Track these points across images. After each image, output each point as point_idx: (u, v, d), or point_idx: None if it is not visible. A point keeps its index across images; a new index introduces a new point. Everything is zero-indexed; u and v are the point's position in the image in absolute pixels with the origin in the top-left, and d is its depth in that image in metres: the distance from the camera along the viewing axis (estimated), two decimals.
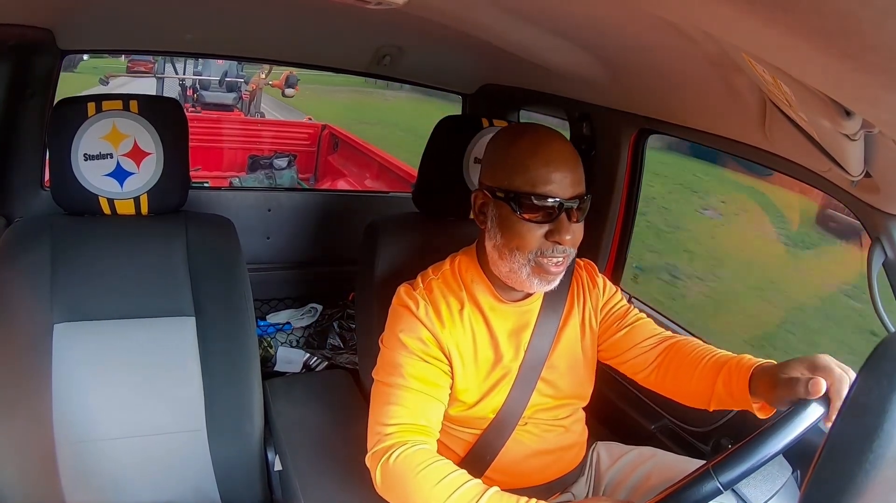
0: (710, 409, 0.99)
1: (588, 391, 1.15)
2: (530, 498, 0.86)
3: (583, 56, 1.14)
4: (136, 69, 6.39)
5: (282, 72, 5.92)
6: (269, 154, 4.55)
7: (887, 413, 0.55)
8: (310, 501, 1.12)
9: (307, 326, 2.15)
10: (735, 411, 1.21)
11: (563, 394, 1.11)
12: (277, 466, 1.23)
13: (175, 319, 1.20)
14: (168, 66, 6.30)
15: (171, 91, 6.37)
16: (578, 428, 1.15)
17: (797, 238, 6.18)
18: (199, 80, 6.37)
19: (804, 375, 0.79)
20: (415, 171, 2.17)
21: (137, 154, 1.18)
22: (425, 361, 1.02)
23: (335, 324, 2.14)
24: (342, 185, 4.38)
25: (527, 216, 0.95)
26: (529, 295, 1.08)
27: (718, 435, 1.24)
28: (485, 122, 1.35)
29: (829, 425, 0.71)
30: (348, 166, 4.55)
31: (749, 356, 0.95)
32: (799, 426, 0.72)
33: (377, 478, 0.96)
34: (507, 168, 0.97)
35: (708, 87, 0.97)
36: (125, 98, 1.18)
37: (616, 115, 1.44)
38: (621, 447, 1.19)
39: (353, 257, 1.43)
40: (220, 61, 6.15)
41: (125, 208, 1.20)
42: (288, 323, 2.12)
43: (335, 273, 2.12)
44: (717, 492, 0.70)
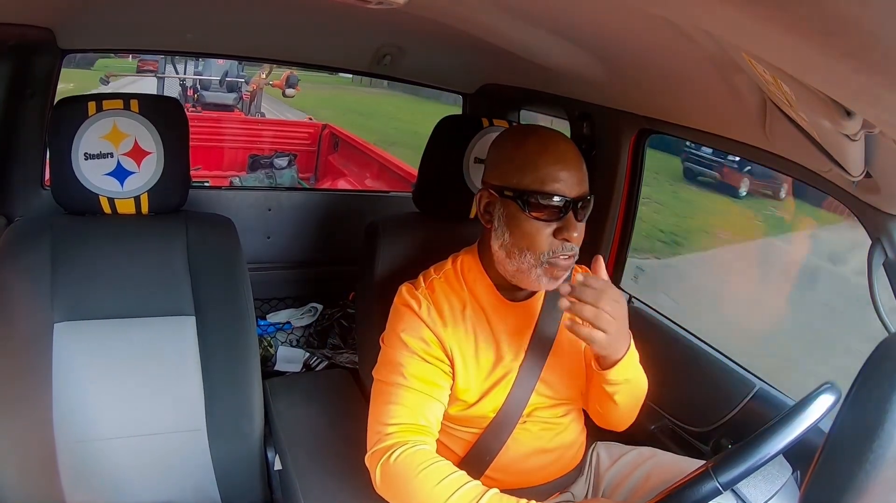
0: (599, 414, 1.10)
1: (584, 392, 1.15)
2: (530, 499, 0.86)
3: (583, 56, 1.14)
4: (145, 68, 6.44)
5: (282, 72, 5.92)
6: (270, 153, 4.55)
7: (887, 413, 0.55)
8: (310, 501, 1.12)
9: (307, 326, 2.14)
10: (735, 411, 1.21)
11: (563, 393, 1.11)
12: (277, 465, 1.23)
13: (175, 319, 1.20)
14: (169, 65, 6.29)
15: (172, 91, 6.36)
16: (577, 427, 1.15)
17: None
18: (200, 79, 6.37)
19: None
20: (415, 171, 2.17)
21: (138, 153, 1.18)
22: (426, 361, 1.02)
23: (335, 323, 2.13)
24: (342, 184, 4.38)
25: (535, 214, 0.96)
26: (531, 295, 1.08)
27: (718, 435, 1.23)
28: (485, 122, 1.35)
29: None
30: (349, 166, 4.55)
31: None
32: (799, 426, 0.72)
33: (377, 477, 0.96)
34: (516, 167, 0.98)
35: (708, 86, 0.97)
36: (126, 97, 1.18)
37: (616, 114, 1.44)
38: (621, 447, 1.19)
39: (354, 257, 1.43)
40: (220, 61, 6.15)
41: (125, 207, 1.20)
42: (288, 322, 2.12)
43: (335, 272, 2.12)
44: (716, 493, 0.70)
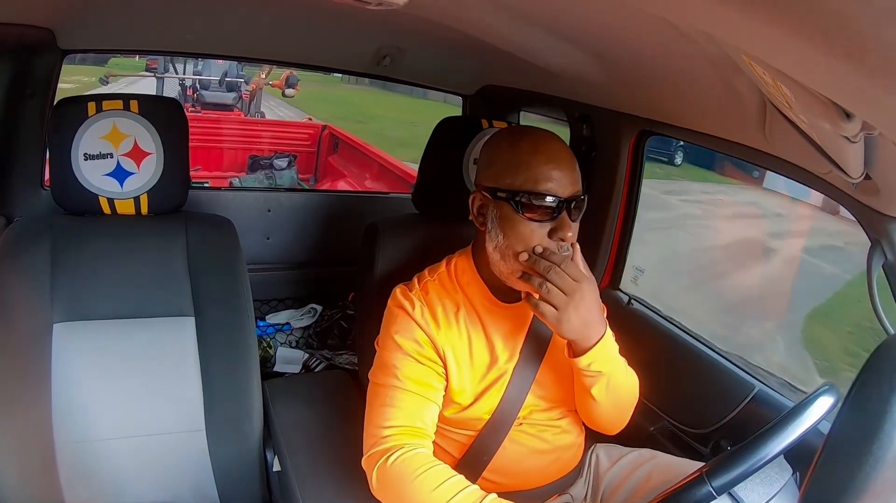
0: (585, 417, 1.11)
1: None
2: (528, 502, 0.86)
3: (583, 57, 1.14)
4: (153, 67, 6.50)
5: (282, 72, 5.92)
6: (270, 154, 4.55)
7: (887, 415, 0.55)
8: (308, 502, 1.12)
9: (307, 327, 2.14)
10: (734, 413, 1.21)
11: (558, 395, 1.10)
12: (276, 467, 1.22)
13: (175, 319, 1.20)
14: (168, 65, 6.29)
15: (171, 91, 6.36)
16: (575, 428, 1.15)
17: None
18: (199, 79, 6.37)
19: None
20: (415, 172, 2.17)
21: (138, 154, 1.18)
22: (420, 362, 1.02)
23: (334, 324, 2.13)
24: (342, 185, 4.37)
25: (529, 215, 0.96)
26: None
27: (718, 436, 1.23)
28: (484, 124, 1.35)
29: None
30: (348, 167, 4.55)
31: None
32: (794, 432, 0.72)
33: (373, 480, 0.96)
34: (509, 167, 0.98)
35: (708, 88, 0.97)
36: (125, 98, 1.18)
37: (616, 116, 1.44)
38: (620, 449, 1.19)
39: (353, 258, 1.42)
40: (220, 61, 6.15)
41: (125, 208, 1.20)
42: (287, 323, 2.12)
43: (335, 273, 2.12)
44: (710, 498, 0.70)
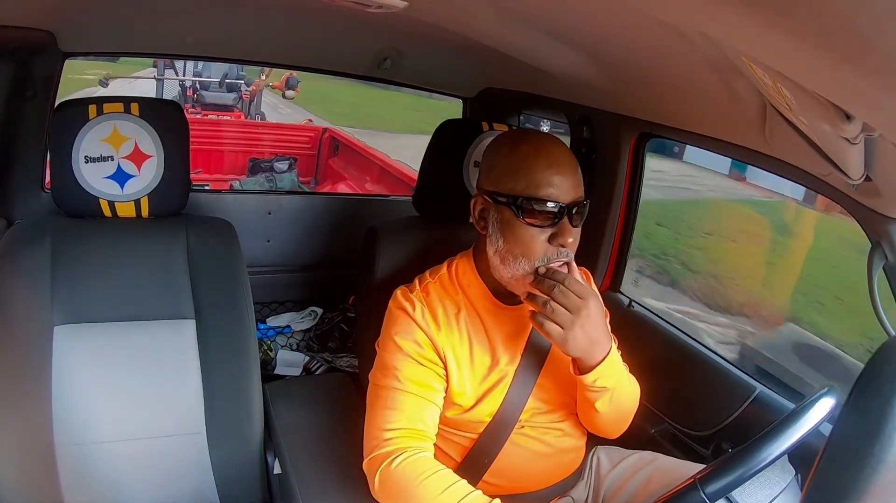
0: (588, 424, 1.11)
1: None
2: None
3: (583, 60, 1.14)
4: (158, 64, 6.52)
5: (282, 73, 5.93)
6: (270, 157, 4.55)
7: (888, 417, 0.55)
8: None
9: (307, 329, 2.14)
10: (735, 415, 1.21)
11: (560, 398, 1.10)
12: (277, 469, 1.22)
13: (175, 322, 1.20)
14: (168, 68, 6.29)
15: (171, 91, 6.37)
16: (577, 431, 1.15)
17: None
18: (200, 80, 6.38)
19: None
20: (415, 175, 2.18)
21: (138, 156, 1.18)
22: (420, 364, 1.02)
23: (335, 327, 2.13)
24: (343, 188, 4.37)
25: (529, 220, 0.96)
26: None
27: (719, 439, 1.23)
28: (485, 126, 1.36)
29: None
30: (349, 170, 4.55)
31: None
32: (791, 437, 0.71)
33: (375, 483, 0.96)
34: (510, 172, 0.97)
35: (708, 90, 0.97)
36: (126, 100, 1.19)
37: (616, 118, 1.44)
38: (621, 451, 1.18)
39: (354, 260, 1.42)
40: (220, 62, 6.16)
41: (126, 211, 1.20)
42: (288, 326, 2.11)
43: (335, 276, 2.12)
44: None
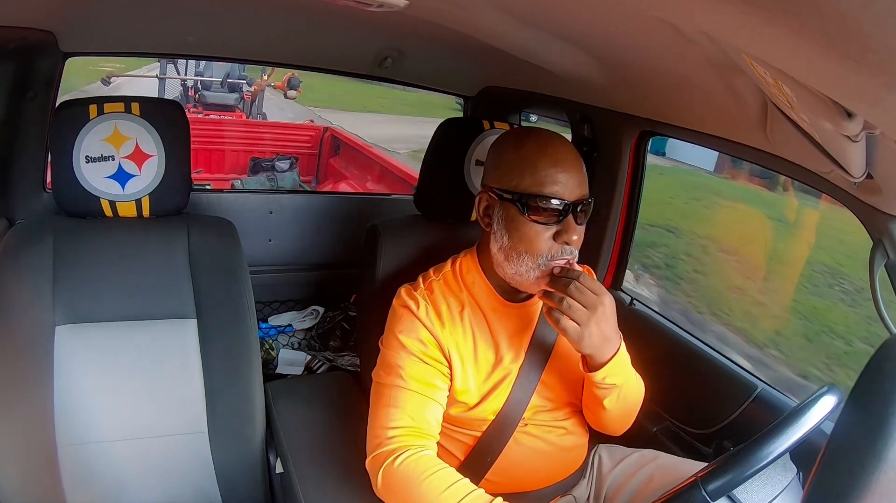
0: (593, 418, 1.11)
1: (581, 396, 1.15)
2: None
3: (584, 58, 1.14)
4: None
5: (284, 73, 5.93)
6: (271, 156, 4.56)
7: (890, 415, 0.54)
8: None
9: (309, 329, 2.14)
10: (737, 413, 1.21)
11: (563, 396, 1.10)
12: (279, 469, 1.22)
13: (176, 321, 1.20)
14: (170, 66, 6.30)
15: (173, 91, 6.37)
16: (579, 429, 1.15)
17: None
18: (201, 80, 6.38)
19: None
20: (416, 174, 2.17)
21: (139, 156, 1.18)
22: (424, 362, 1.02)
23: (337, 326, 2.13)
24: (344, 187, 4.37)
25: (534, 218, 0.96)
26: (530, 296, 1.08)
27: (720, 437, 1.23)
28: (486, 125, 1.35)
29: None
30: (350, 169, 4.55)
31: None
32: (793, 435, 0.71)
33: (378, 482, 0.96)
34: (515, 169, 0.98)
35: (709, 88, 0.97)
36: (127, 100, 1.19)
37: (617, 117, 1.44)
38: (623, 449, 1.18)
39: (355, 259, 1.43)
40: (221, 62, 6.16)
41: (127, 210, 1.20)
42: (289, 325, 2.12)
43: (337, 275, 2.12)
44: None
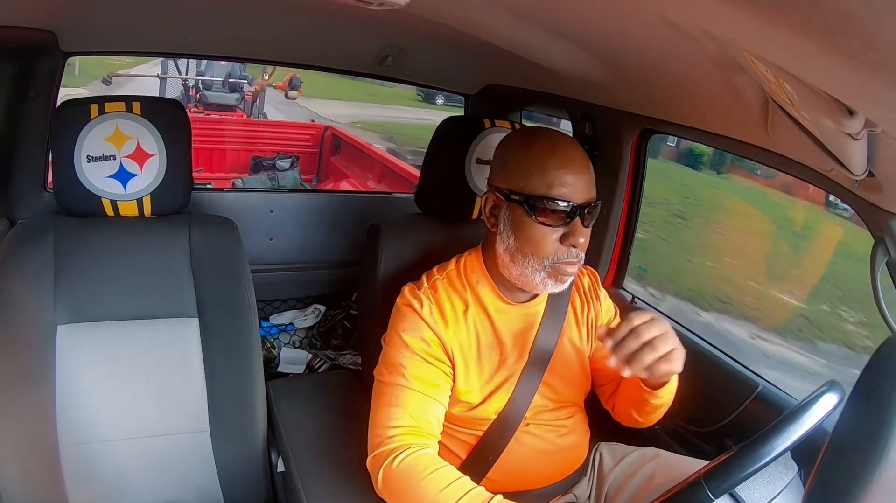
0: (636, 419, 1.10)
1: (585, 395, 1.15)
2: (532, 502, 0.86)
3: (584, 56, 1.14)
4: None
5: (285, 73, 5.93)
6: (272, 155, 4.56)
7: (891, 413, 0.55)
8: (312, 502, 1.12)
9: (310, 327, 2.15)
10: (738, 411, 1.21)
11: (566, 395, 1.11)
12: (280, 467, 1.23)
13: (178, 320, 1.20)
14: (171, 66, 6.30)
15: (174, 91, 6.37)
16: (580, 429, 1.15)
17: None
18: (202, 80, 6.38)
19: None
20: (417, 172, 2.17)
21: (140, 155, 1.18)
22: (427, 362, 1.02)
23: (338, 324, 2.14)
24: (345, 186, 4.37)
25: (541, 219, 0.96)
26: (534, 296, 1.08)
27: (721, 435, 1.23)
28: (487, 123, 1.35)
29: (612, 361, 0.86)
30: (351, 167, 4.55)
31: None
32: (795, 432, 0.71)
33: (379, 481, 0.96)
34: (523, 170, 0.97)
35: (710, 86, 0.97)
36: (128, 99, 1.19)
37: (618, 115, 1.43)
38: (624, 447, 1.18)
39: (356, 258, 1.43)
40: (222, 62, 6.16)
41: (128, 210, 1.20)
42: (291, 324, 2.12)
43: (338, 274, 2.12)
44: (708, 501, 0.69)
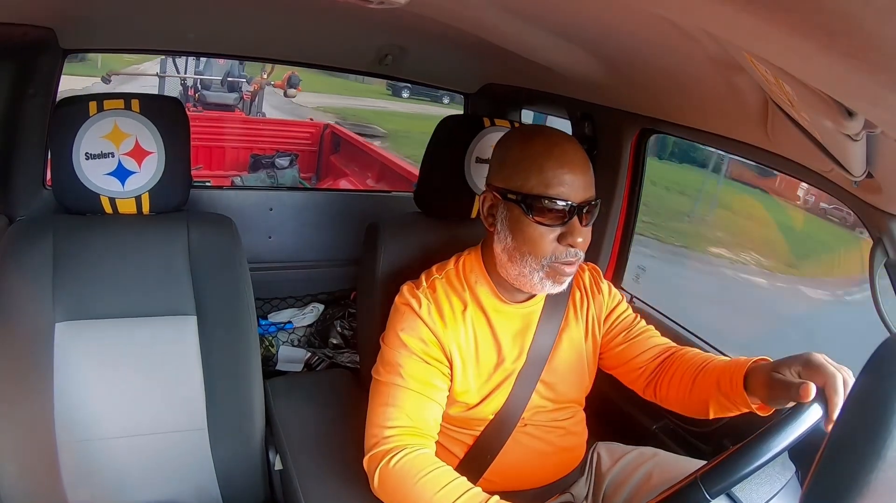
0: (711, 417, 0.99)
1: (585, 394, 1.15)
2: (529, 502, 0.86)
3: (584, 56, 1.14)
4: None
5: (284, 72, 5.93)
6: (271, 153, 4.56)
7: (889, 414, 0.55)
8: (310, 501, 1.12)
9: (309, 325, 2.15)
10: None
11: (563, 396, 1.10)
12: (278, 465, 1.23)
13: (176, 318, 1.20)
14: (170, 65, 6.30)
15: (173, 91, 6.37)
16: (578, 429, 1.15)
17: None
18: (201, 79, 6.38)
19: (796, 378, 0.79)
20: (416, 171, 2.17)
21: (139, 153, 1.18)
22: (425, 362, 1.02)
23: (336, 323, 2.14)
24: (344, 184, 4.38)
25: (538, 219, 0.95)
26: (532, 296, 1.08)
27: (720, 435, 1.23)
28: (486, 122, 1.35)
29: (830, 427, 0.71)
30: (350, 166, 4.55)
31: (745, 358, 0.94)
32: (792, 433, 0.71)
33: (375, 481, 0.96)
34: (521, 169, 0.97)
35: (709, 86, 0.97)
36: (127, 97, 1.18)
37: (618, 114, 1.43)
38: (622, 447, 1.18)
39: (355, 256, 1.43)
40: (221, 61, 6.16)
41: (127, 207, 1.20)
42: (289, 322, 2.12)
43: (337, 272, 2.13)
44: (705, 502, 0.69)
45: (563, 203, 0.94)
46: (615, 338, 1.13)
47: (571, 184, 0.94)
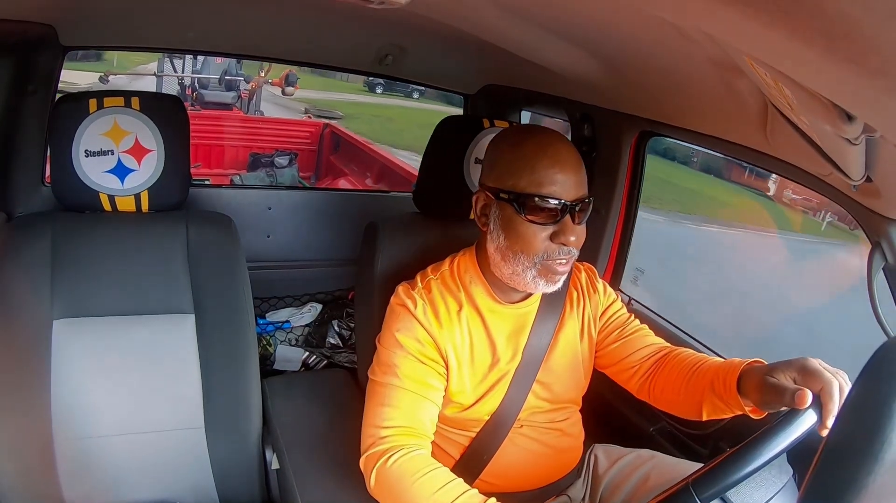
0: (704, 418, 0.98)
1: (581, 394, 1.15)
2: None
3: (584, 57, 1.14)
4: None
5: (281, 70, 5.92)
6: (271, 152, 4.55)
7: (886, 417, 0.55)
8: (306, 500, 1.12)
9: (306, 325, 2.14)
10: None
11: (559, 396, 1.10)
12: (274, 465, 1.23)
13: (174, 317, 1.20)
14: (167, 64, 6.28)
15: (171, 90, 6.35)
16: (575, 430, 1.15)
17: None
18: (199, 78, 6.36)
19: (791, 384, 0.78)
20: (416, 171, 2.17)
21: (138, 151, 1.17)
22: (421, 362, 1.02)
23: (334, 323, 2.13)
24: (343, 184, 4.38)
25: (531, 218, 0.95)
26: (528, 297, 1.08)
27: (717, 437, 1.23)
28: (486, 123, 1.35)
29: (825, 433, 0.71)
30: (349, 165, 4.55)
31: (739, 359, 0.94)
32: (786, 439, 0.71)
33: (371, 481, 0.96)
34: (513, 169, 0.97)
35: (709, 89, 0.97)
36: (127, 95, 1.18)
37: (617, 116, 1.43)
38: (619, 449, 1.18)
39: (354, 256, 1.42)
40: (219, 60, 6.16)
41: (126, 205, 1.20)
42: (287, 321, 2.12)
43: (335, 272, 2.12)
44: None
45: (555, 201, 0.94)
46: (609, 335, 1.13)
47: (563, 182, 0.94)
